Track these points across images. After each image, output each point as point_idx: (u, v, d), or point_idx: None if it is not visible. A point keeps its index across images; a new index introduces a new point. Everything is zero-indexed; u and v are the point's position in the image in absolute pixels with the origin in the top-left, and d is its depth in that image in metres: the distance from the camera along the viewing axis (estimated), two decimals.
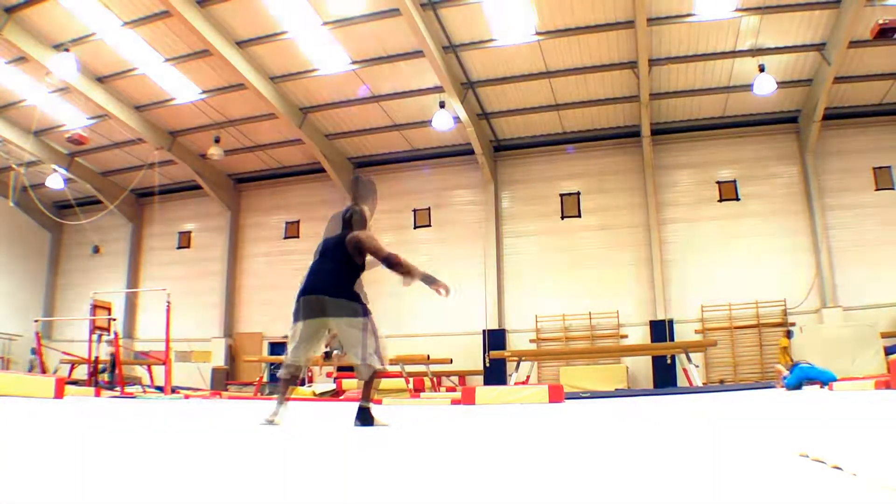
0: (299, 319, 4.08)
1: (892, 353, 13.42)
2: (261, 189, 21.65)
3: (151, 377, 17.20)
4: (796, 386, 10.54)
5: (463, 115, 16.41)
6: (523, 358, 14.78)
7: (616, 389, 15.03)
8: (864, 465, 1.67)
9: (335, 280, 4.04)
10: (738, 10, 13.62)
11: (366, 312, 4.06)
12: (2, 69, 16.06)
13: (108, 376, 14.68)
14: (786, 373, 11.01)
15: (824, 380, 10.31)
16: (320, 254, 4.23)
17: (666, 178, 17.87)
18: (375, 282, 5.24)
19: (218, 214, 21.62)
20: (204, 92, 17.08)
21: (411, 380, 13.12)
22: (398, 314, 18.49)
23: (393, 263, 4.09)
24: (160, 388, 14.52)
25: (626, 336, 17.13)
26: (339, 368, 15.37)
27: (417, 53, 14.82)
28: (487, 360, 16.62)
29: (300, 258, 20.56)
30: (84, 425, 4.16)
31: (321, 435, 3.67)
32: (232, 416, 6.12)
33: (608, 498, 1.46)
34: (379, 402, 10.51)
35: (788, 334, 14.53)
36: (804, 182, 16.89)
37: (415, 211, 19.70)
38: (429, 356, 13.34)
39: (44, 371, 15.61)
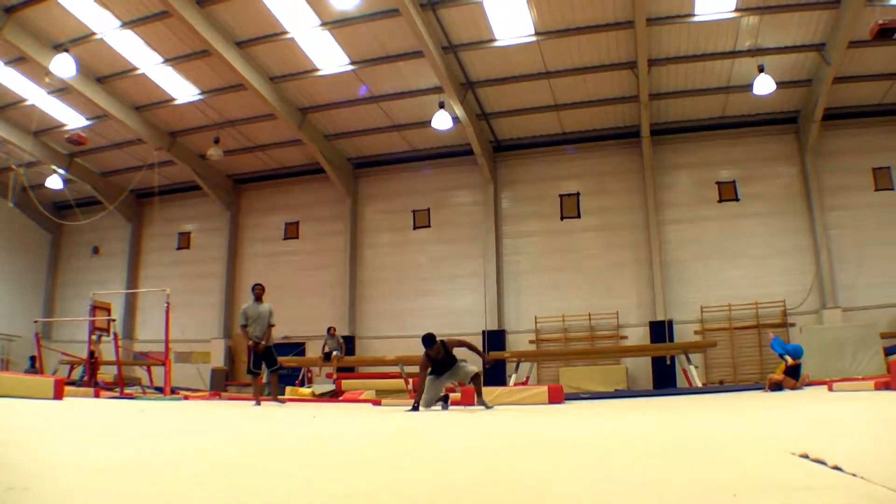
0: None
1: (891, 354, 13.41)
2: (260, 190, 21.62)
3: (151, 378, 17.21)
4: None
5: (462, 115, 16.39)
6: (523, 359, 14.77)
7: (616, 390, 15.02)
8: (864, 465, 1.66)
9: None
10: (737, 10, 13.60)
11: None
12: (1, 69, 16.05)
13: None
14: (778, 377, 10.98)
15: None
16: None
17: (665, 179, 17.84)
18: (378, 283, 5.22)
19: (217, 215, 21.59)
20: (203, 92, 17.07)
21: (410, 380, 13.10)
22: (398, 315, 18.51)
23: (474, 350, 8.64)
24: (160, 389, 14.54)
25: (625, 337, 17.11)
26: (339, 370, 15.36)
27: (417, 54, 14.80)
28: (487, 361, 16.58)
29: (300, 259, 20.54)
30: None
31: None
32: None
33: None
34: (379, 402, 10.53)
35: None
36: (804, 182, 16.87)
37: (414, 212, 19.66)
38: None
39: (42, 372, 15.59)
